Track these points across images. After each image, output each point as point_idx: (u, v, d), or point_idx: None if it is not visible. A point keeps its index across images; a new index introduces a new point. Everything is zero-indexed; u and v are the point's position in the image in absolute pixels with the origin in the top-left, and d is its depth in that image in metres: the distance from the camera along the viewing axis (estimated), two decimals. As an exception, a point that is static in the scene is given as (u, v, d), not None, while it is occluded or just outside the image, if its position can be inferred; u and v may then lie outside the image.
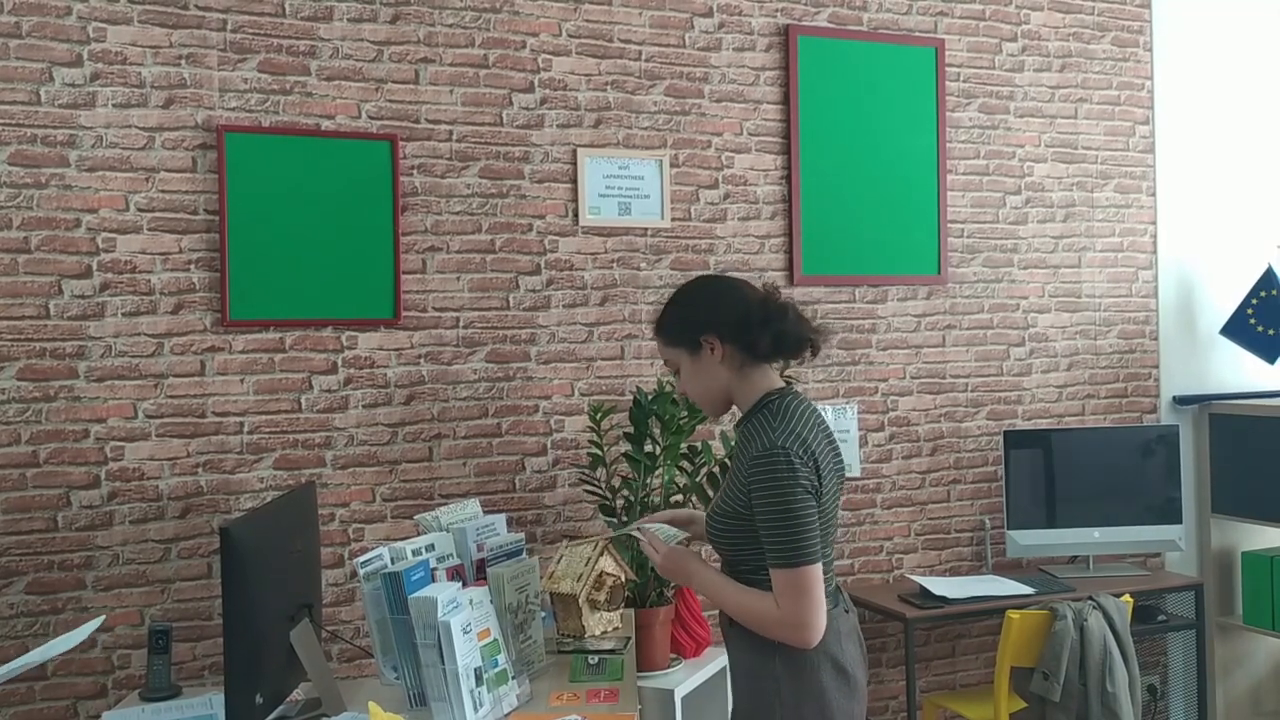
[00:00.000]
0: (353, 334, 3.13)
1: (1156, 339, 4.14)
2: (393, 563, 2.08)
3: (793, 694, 1.98)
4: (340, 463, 3.11)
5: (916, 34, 3.78)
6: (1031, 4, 3.95)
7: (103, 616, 2.16)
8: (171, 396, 2.95)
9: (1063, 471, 3.82)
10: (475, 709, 1.89)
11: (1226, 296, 4.12)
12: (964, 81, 3.85)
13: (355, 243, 3.11)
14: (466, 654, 1.91)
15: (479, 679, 1.94)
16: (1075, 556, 3.87)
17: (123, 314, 2.91)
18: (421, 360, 3.20)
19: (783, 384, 2.09)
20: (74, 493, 2.86)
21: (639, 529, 2.25)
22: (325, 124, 3.09)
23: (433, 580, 2.06)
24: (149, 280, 2.93)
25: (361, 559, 2.11)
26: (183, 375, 2.96)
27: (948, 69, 3.81)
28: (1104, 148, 4.06)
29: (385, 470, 3.16)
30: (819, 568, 1.93)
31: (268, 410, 3.04)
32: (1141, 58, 4.12)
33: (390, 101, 3.16)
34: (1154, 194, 4.13)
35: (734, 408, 2.13)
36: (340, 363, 3.11)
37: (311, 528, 2.61)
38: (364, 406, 3.14)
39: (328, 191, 3.08)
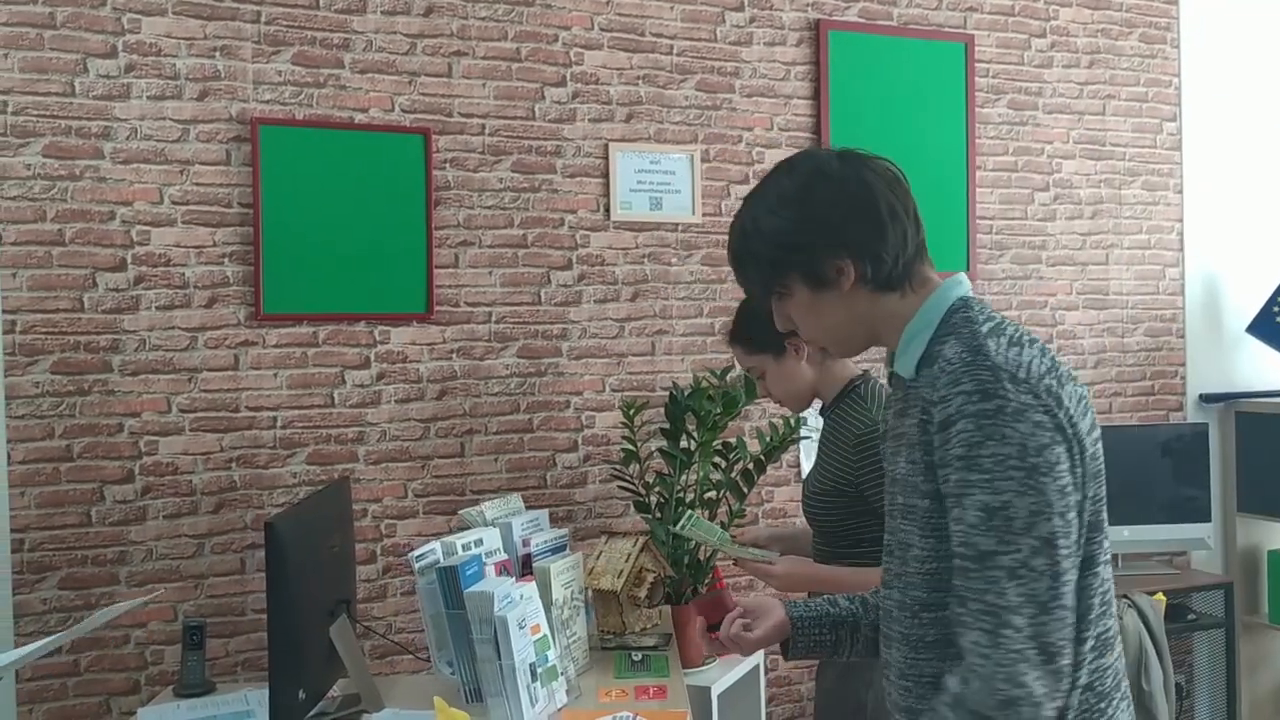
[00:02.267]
0: (385, 328, 3.11)
1: (1183, 337, 4.13)
2: (445, 557, 2.06)
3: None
4: (372, 458, 3.09)
5: (946, 29, 3.76)
6: (1060, 0, 3.93)
7: (160, 589, 2.13)
8: (205, 391, 2.93)
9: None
10: (532, 704, 1.88)
11: (1253, 294, 4.10)
12: (993, 77, 3.83)
13: (388, 237, 3.10)
14: (521, 649, 1.89)
15: (533, 674, 1.92)
16: (1103, 554, 3.86)
17: (157, 307, 2.89)
18: (453, 355, 3.18)
19: (860, 371, 2.21)
20: (107, 487, 2.84)
21: (738, 555, 2.34)
22: (359, 117, 3.07)
23: (484, 575, 2.04)
24: (183, 273, 2.91)
25: (415, 554, 2.09)
26: (216, 369, 2.94)
27: (977, 65, 3.80)
28: (1131, 144, 4.05)
29: (417, 466, 3.14)
30: None
31: (301, 405, 3.02)
32: (1169, 54, 4.10)
33: (423, 95, 3.14)
34: (1181, 191, 4.12)
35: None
36: (373, 357, 3.10)
37: (347, 523, 2.59)
38: (396, 401, 3.12)
39: (361, 185, 3.06)
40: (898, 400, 1.42)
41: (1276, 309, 4.04)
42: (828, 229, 1.37)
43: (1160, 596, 3.29)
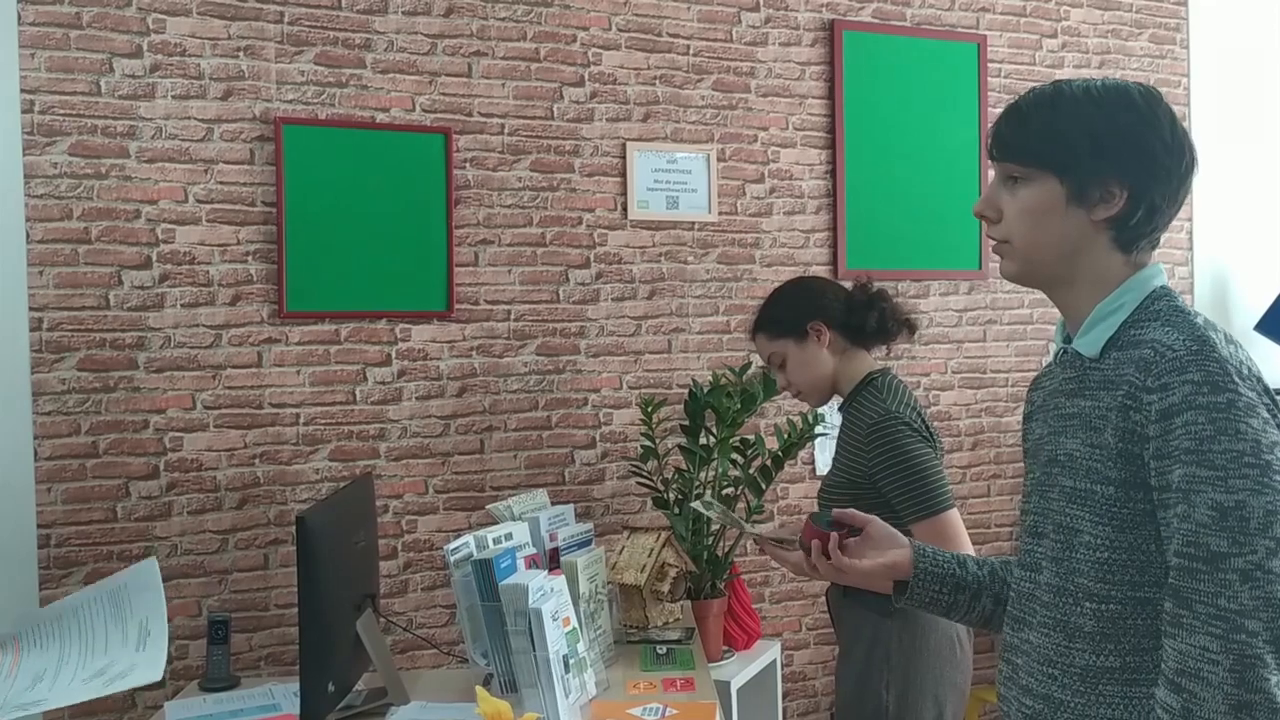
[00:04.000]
0: (406, 326, 3.14)
1: (1192, 335, 4.16)
2: (478, 550, 2.09)
3: (901, 662, 2.14)
4: (394, 454, 3.12)
5: (959, 30, 3.79)
6: (1071, 1, 3.96)
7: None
8: (229, 387, 2.96)
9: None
10: (565, 695, 1.91)
11: (1262, 292, 4.13)
12: (1005, 78, 3.87)
13: (409, 235, 3.12)
14: (555, 641, 1.92)
15: (567, 665, 1.95)
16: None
17: (181, 305, 2.91)
18: (473, 353, 3.21)
19: (880, 365, 2.25)
20: (133, 483, 2.87)
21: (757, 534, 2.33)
22: (380, 117, 3.10)
23: (516, 568, 2.07)
24: (207, 271, 2.94)
25: (450, 546, 2.12)
26: (240, 366, 2.97)
27: (989, 65, 3.83)
28: (1141, 144, 4.07)
29: (438, 462, 3.17)
30: (957, 512, 2.10)
31: (323, 401, 3.05)
32: (1178, 54, 4.13)
33: (444, 95, 3.17)
34: (1190, 190, 4.14)
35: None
36: (394, 355, 3.12)
37: (371, 519, 2.62)
38: (417, 398, 3.15)
39: (382, 184, 3.09)
40: (1068, 379, 1.35)
41: (1285, 307, 4.06)
42: (1137, 150, 1.28)
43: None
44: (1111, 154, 1.27)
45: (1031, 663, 1.35)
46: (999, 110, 3.95)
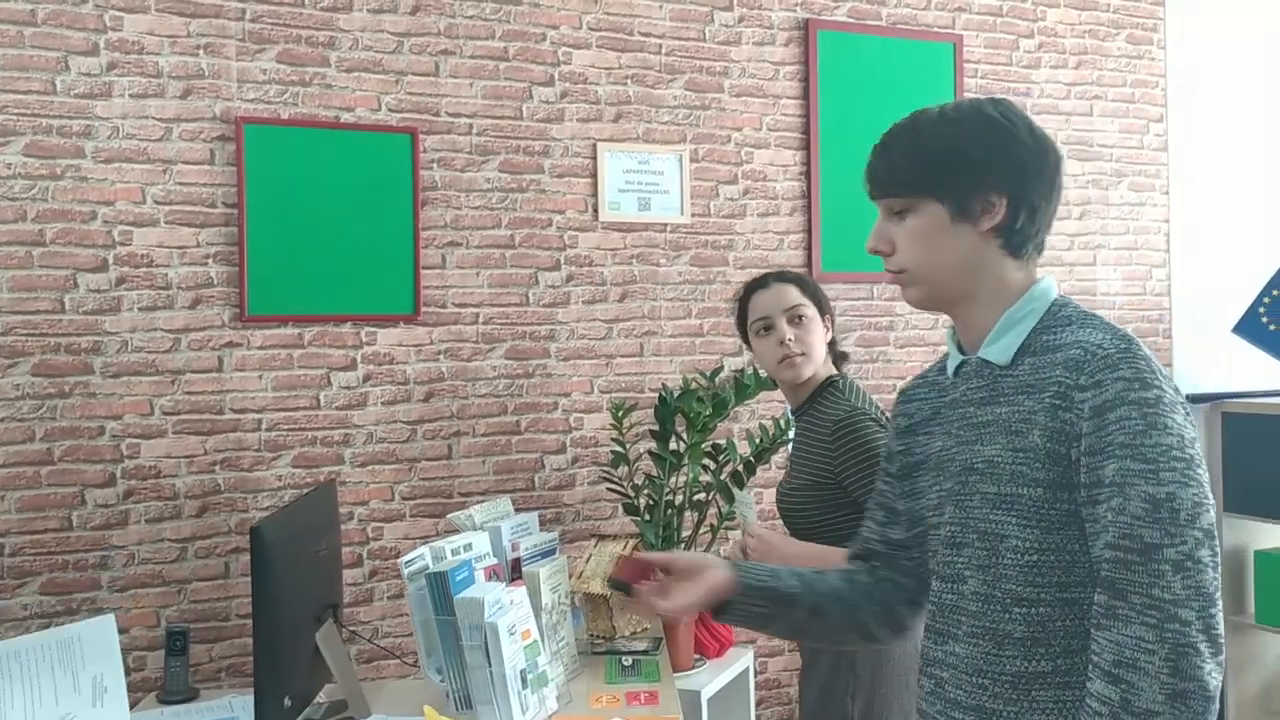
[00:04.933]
0: (372, 330, 3.08)
1: (1170, 338, 4.14)
2: (434, 562, 2.04)
3: (867, 672, 2.13)
4: (359, 460, 3.06)
5: (935, 29, 3.76)
6: (1048, 1, 3.93)
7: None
8: (189, 393, 2.89)
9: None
10: (522, 711, 1.85)
11: (1239, 295, 4.11)
12: (981, 78, 3.83)
13: (375, 237, 3.07)
14: (512, 655, 1.87)
15: (524, 681, 1.90)
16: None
17: (139, 309, 2.85)
18: (441, 357, 3.15)
19: (836, 371, 2.23)
20: (89, 491, 2.80)
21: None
22: (345, 116, 3.04)
23: (474, 580, 2.02)
24: (166, 274, 2.87)
25: (405, 559, 2.07)
26: (200, 371, 2.90)
27: (966, 65, 3.79)
28: (1118, 145, 4.05)
29: (404, 468, 3.11)
30: None
31: (286, 407, 2.99)
32: (1156, 55, 4.11)
33: (410, 94, 3.11)
34: (1167, 192, 4.13)
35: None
36: (359, 359, 3.06)
37: (333, 527, 2.56)
38: (383, 403, 3.09)
39: (347, 185, 3.03)
40: (975, 389, 1.36)
41: (1263, 309, 4.05)
42: (1005, 158, 1.32)
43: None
44: (981, 166, 1.32)
45: (959, 675, 1.34)
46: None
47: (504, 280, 3.22)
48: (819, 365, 2.28)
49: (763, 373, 2.98)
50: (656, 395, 3.10)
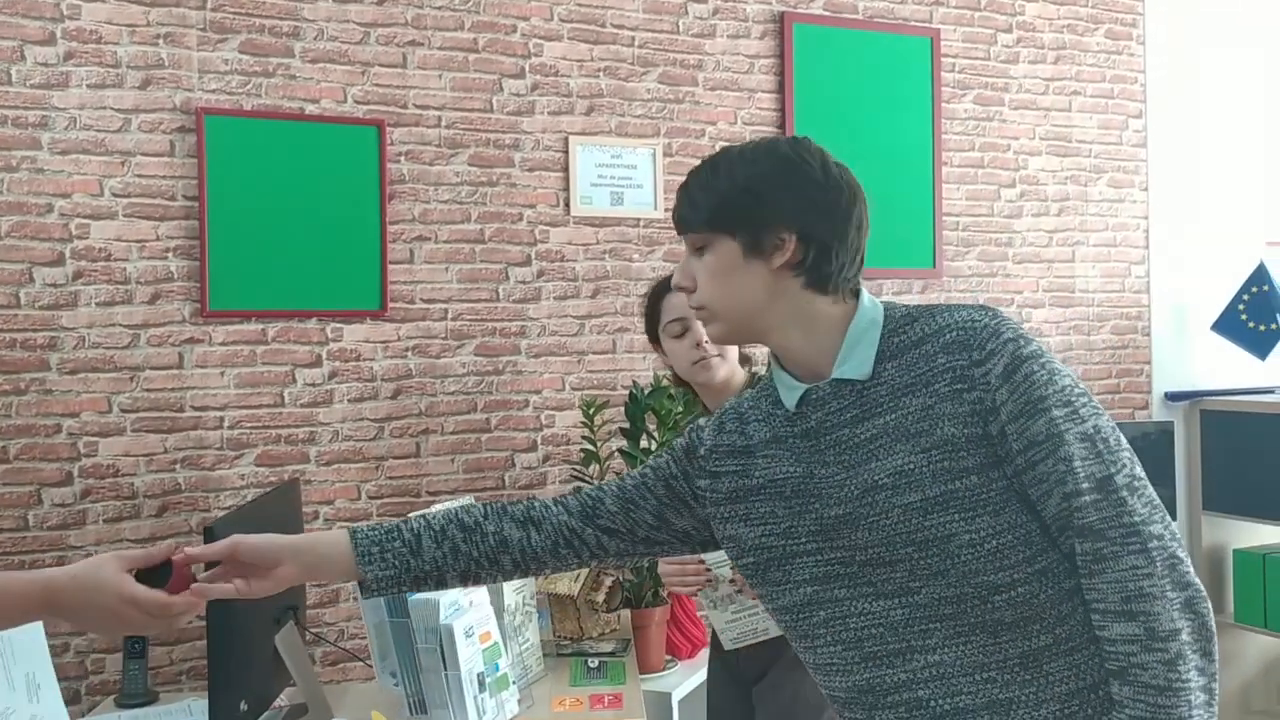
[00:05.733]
0: (338, 325, 3.02)
1: (1149, 335, 4.11)
2: (390, 563, 1.98)
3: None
4: (324, 459, 3.00)
5: (912, 23, 3.72)
6: (1026, -5, 3.90)
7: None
8: (148, 390, 2.83)
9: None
10: (479, 715, 1.80)
11: (1218, 292, 4.09)
12: (959, 73, 3.79)
13: (341, 231, 3.01)
14: (469, 659, 1.82)
15: (481, 684, 1.85)
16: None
17: (97, 304, 2.78)
18: (409, 353, 3.10)
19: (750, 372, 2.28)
20: (45, 490, 2.74)
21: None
22: (309, 108, 2.98)
23: (431, 581, 1.96)
24: (124, 269, 2.81)
25: (358, 559, 2.01)
26: (160, 368, 2.84)
27: (943, 59, 3.75)
28: (1097, 141, 4.02)
29: (371, 466, 3.05)
30: None
31: (249, 404, 2.93)
32: (1135, 51, 4.08)
33: (377, 85, 3.06)
34: (1146, 188, 4.10)
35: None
36: (325, 355, 3.01)
37: (297, 526, 2.52)
38: (349, 401, 3.03)
39: (312, 178, 2.97)
40: (840, 409, 1.31)
41: (1241, 307, 4.03)
42: (795, 196, 1.32)
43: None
44: (770, 202, 1.31)
45: (951, 681, 1.26)
46: (953, 105, 3.90)
47: (474, 275, 3.17)
48: (733, 366, 2.21)
49: (663, 375, 2.94)
50: (628, 393, 3.05)
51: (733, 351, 2.21)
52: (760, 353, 2.85)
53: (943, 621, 1.26)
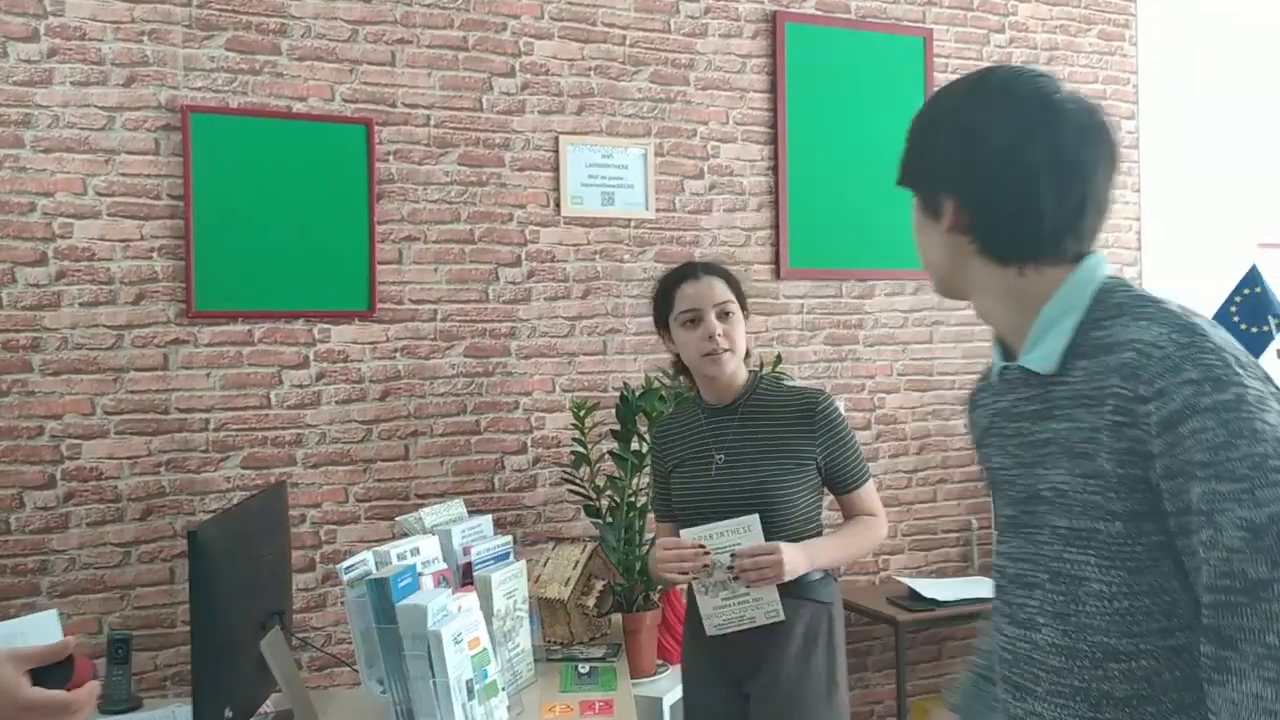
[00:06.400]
0: (325, 326, 2.99)
1: (1141, 336, 4.09)
2: (377, 568, 1.95)
3: (827, 647, 2.17)
4: (311, 461, 2.97)
5: (905, 23, 3.70)
6: (1019, -5, 3.89)
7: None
8: (132, 392, 2.79)
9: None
10: (467, 724, 1.77)
11: (1210, 294, 4.08)
12: (952, 73, 3.77)
13: (328, 231, 2.97)
14: (457, 665, 1.79)
15: (470, 692, 1.82)
16: (1062, 557, 3.81)
17: (80, 304, 2.75)
18: (397, 354, 3.06)
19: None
20: (28, 493, 2.70)
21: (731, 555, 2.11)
22: (297, 106, 2.95)
23: (419, 586, 1.93)
24: (108, 269, 2.77)
25: (344, 564, 1.98)
26: (144, 369, 2.80)
27: (936, 59, 3.73)
28: (1090, 142, 4.00)
29: (359, 469, 3.02)
30: None
31: (235, 406, 2.89)
32: (1128, 52, 4.07)
33: (365, 84, 3.02)
34: (1138, 190, 4.09)
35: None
36: (312, 356, 2.97)
37: (282, 530, 2.47)
38: (337, 402, 3.00)
39: (299, 177, 2.94)
40: (1024, 400, 1.16)
41: (1234, 309, 4.01)
42: (952, 156, 1.15)
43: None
44: (929, 161, 1.19)
45: None
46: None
47: (463, 276, 3.14)
48: (740, 361, 2.24)
49: (654, 377, 2.97)
50: (619, 394, 3.03)
51: (741, 346, 2.21)
52: (761, 352, 2.82)
53: (1049, 673, 1.12)
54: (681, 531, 2.12)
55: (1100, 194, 1.14)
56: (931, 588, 3.41)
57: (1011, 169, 1.11)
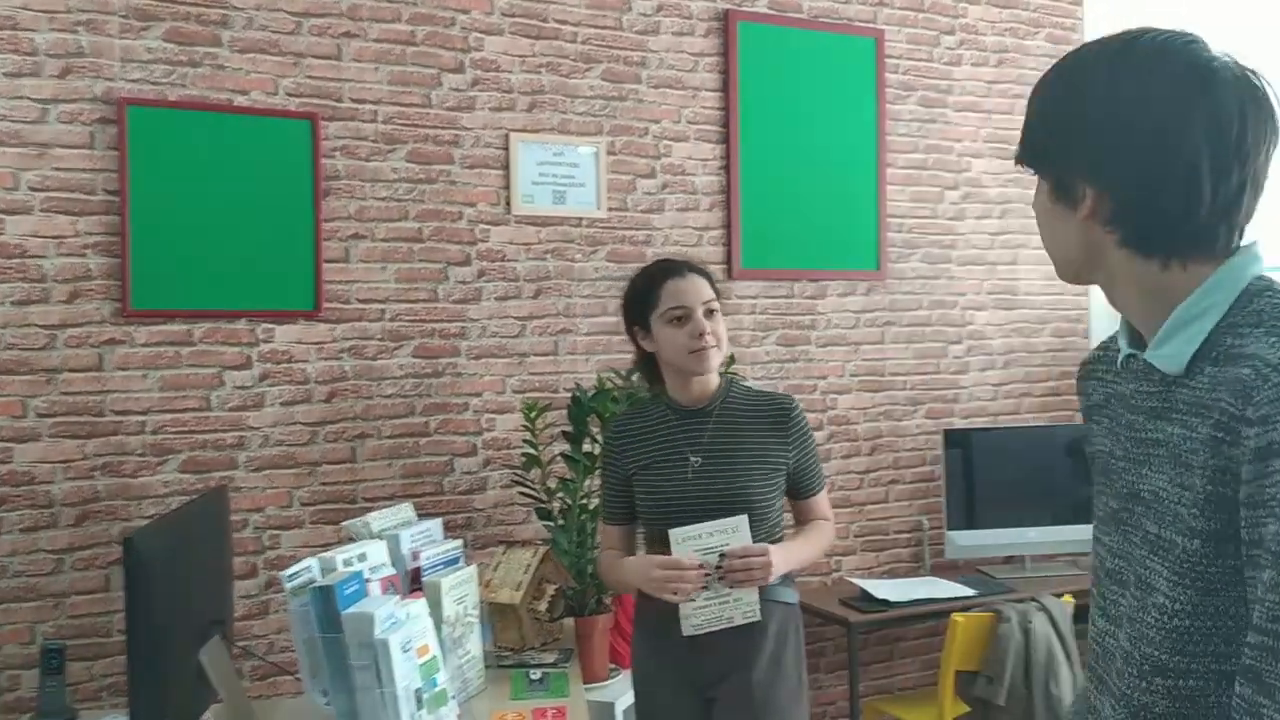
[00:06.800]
0: (269, 326, 2.91)
1: (1088, 337, 4.14)
2: (323, 575, 1.89)
3: (795, 649, 2.20)
4: (254, 465, 2.89)
5: (856, 23, 3.70)
6: (969, -3, 3.91)
7: None
8: (66, 393, 2.70)
9: (1001, 471, 3.78)
10: (416, 735, 1.72)
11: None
12: (903, 74, 3.78)
13: (272, 228, 2.90)
14: (406, 675, 1.74)
15: (419, 701, 1.77)
16: (1011, 556, 3.83)
17: (11, 303, 2.65)
18: (344, 355, 2.99)
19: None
20: (-46, 499, 2.60)
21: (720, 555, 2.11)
22: (238, 100, 2.87)
23: (366, 593, 1.88)
24: (41, 266, 2.67)
25: (288, 572, 1.91)
26: (78, 370, 2.71)
27: (887, 60, 3.74)
28: (1038, 145, 4.03)
29: (304, 472, 2.94)
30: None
31: (173, 408, 2.81)
32: (1075, 55, 4.10)
33: (310, 78, 2.95)
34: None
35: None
36: (255, 357, 2.89)
37: (223, 536, 2.40)
38: (281, 404, 2.92)
39: (241, 172, 2.86)
40: (1145, 394, 1.09)
41: (1177, 310, 4.07)
42: (1093, 137, 1.03)
43: (1068, 598, 3.26)
44: (1065, 143, 1.06)
45: None
46: (897, 107, 3.88)
47: (412, 275, 3.08)
48: (722, 356, 2.26)
49: (607, 377, 2.97)
50: (570, 395, 2.99)
51: (725, 346, 2.23)
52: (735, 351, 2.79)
53: (1113, 675, 1.09)
54: (671, 532, 2.09)
55: (1261, 175, 1.03)
56: (883, 589, 3.41)
57: (1169, 154, 1.00)
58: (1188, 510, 1.00)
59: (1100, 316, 4.16)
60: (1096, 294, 4.14)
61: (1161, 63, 1.02)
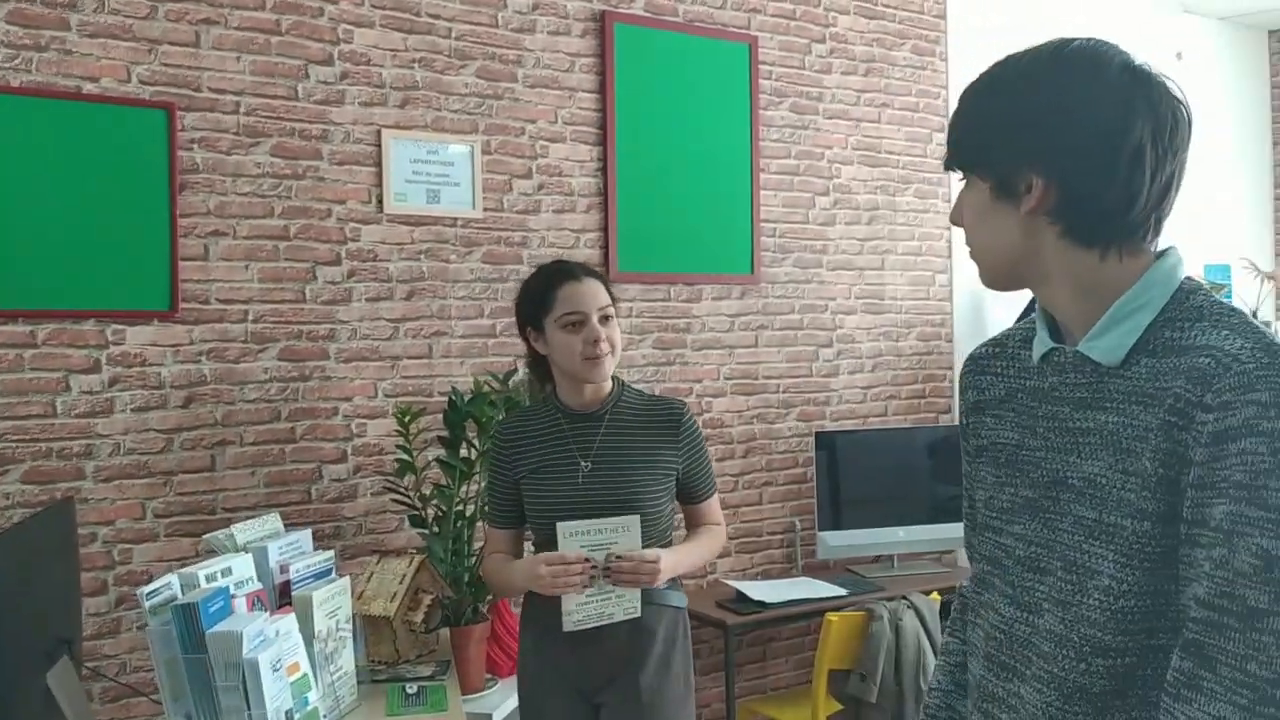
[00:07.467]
0: (119, 327, 2.74)
1: (951, 341, 4.27)
2: (184, 592, 1.78)
3: (683, 652, 2.20)
4: (104, 475, 2.71)
5: (730, 29, 3.72)
6: (839, 7, 3.98)
7: None
8: (-110, 400, 2.48)
9: (870, 472, 3.86)
10: (287, 758, 1.63)
11: (1016, 299, 4.29)
12: (776, 80, 3.83)
13: (124, 224, 2.73)
14: (276, 695, 1.65)
15: (290, 722, 1.68)
16: (880, 555, 3.92)
17: None
18: (203, 358, 2.84)
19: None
20: None
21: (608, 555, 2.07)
22: (88, 87, 2.69)
23: (232, 610, 1.77)
24: None
25: (146, 589, 1.79)
26: (-95, 374, 2.50)
27: (761, 66, 3.78)
28: (904, 153, 4.15)
29: (158, 482, 2.78)
30: None
31: (14, 415, 2.61)
32: (938, 67, 4.23)
33: (166, 65, 2.79)
34: (949, 200, 4.26)
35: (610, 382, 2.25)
36: (104, 360, 2.72)
37: (70, 551, 2.25)
38: (133, 410, 2.75)
39: (90, 164, 2.69)
40: (1073, 385, 1.12)
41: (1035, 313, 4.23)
42: (1041, 131, 1.08)
43: (935, 595, 3.35)
44: (1013, 139, 1.10)
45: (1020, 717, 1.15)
46: (770, 113, 3.91)
47: (277, 275, 2.95)
48: (615, 363, 2.24)
49: (484, 380, 2.92)
50: (446, 399, 2.91)
51: (619, 351, 2.22)
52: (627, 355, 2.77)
53: (1040, 658, 1.13)
54: (559, 526, 2.05)
55: (1180, 172, 1.11)
56: (758, 590, 3.43)
57: (1116, 147, 1.06)
58: (1136, 494, 1.05)
59: (963, 321, 4.30)
60: (959, 300, 4.28)
61: (1102, 64, 1.09)
